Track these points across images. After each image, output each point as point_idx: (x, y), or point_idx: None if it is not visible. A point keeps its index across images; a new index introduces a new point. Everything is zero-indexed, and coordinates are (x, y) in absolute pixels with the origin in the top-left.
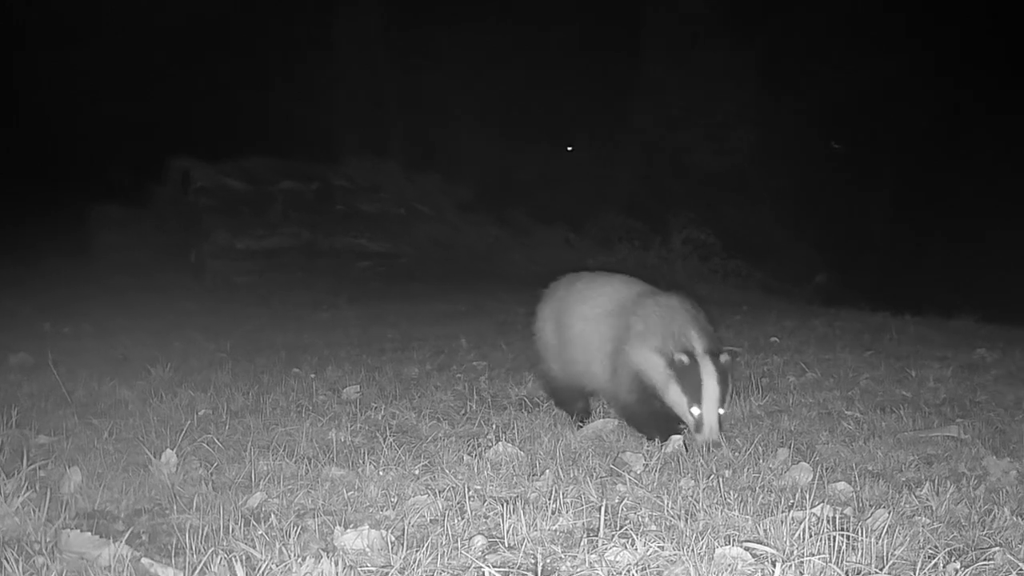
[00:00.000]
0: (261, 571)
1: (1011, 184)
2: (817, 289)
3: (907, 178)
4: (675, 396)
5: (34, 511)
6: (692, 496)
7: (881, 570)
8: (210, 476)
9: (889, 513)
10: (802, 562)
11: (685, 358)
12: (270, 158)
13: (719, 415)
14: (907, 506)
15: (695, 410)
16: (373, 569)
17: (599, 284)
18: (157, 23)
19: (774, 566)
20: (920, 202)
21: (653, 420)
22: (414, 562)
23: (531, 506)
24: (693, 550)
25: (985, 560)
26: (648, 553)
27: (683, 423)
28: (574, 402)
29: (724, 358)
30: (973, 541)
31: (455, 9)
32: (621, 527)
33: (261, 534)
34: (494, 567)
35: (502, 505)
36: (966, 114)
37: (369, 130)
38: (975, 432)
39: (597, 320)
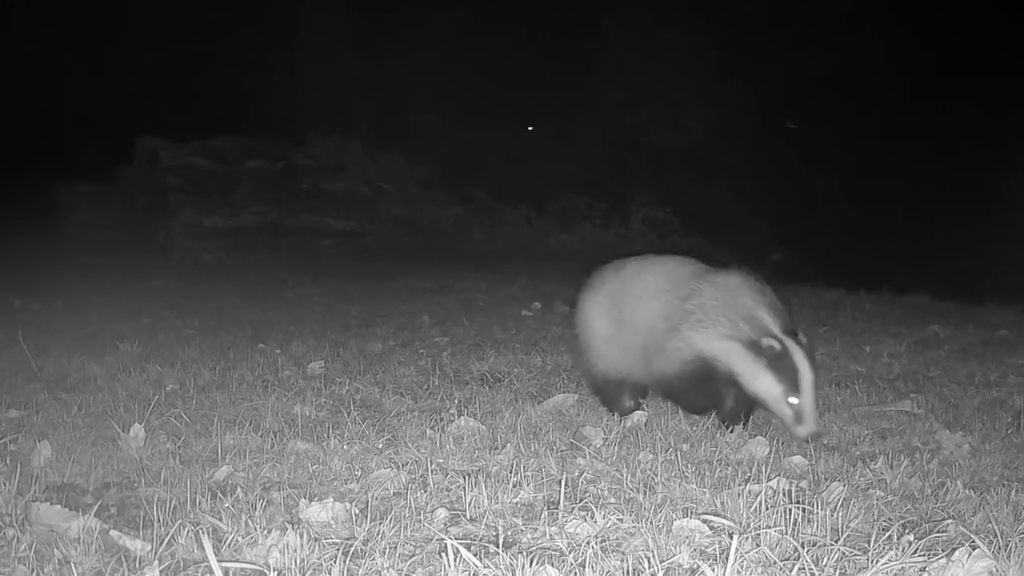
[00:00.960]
0: (227, 543)
1: (962, 164)
2: (774, 266)
3: (861, 157)
4: (767, 386)
5: (4, 484)
6: (651, 470)
7: (836, 542)
8: (177, 450)
9: (844, 486)
10: (759, 534)
11: (776, 344)
12: (236, 138)
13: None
14: (862, 479)
15: (793, 400)
16: (337, 541)
17: (651, 263)
18: (126, 3)
19: (731, 538)
20: (874, 181)
21: (694, 397)
22: (378, 534)
23: (493, 479)
24: (651, 522)
25: (938, 532)
26: (607, 525)
27: (717, 400)
28: (622, 397)
29: (804, 338)
30: (926, 513)
31: None
32: (581, 500)
33: (227, 507)
34: (456, 539)
35: (464, 478)
36: (917, 96)
37: (333, 110)
38: (928, 406)
39: (650, 298)
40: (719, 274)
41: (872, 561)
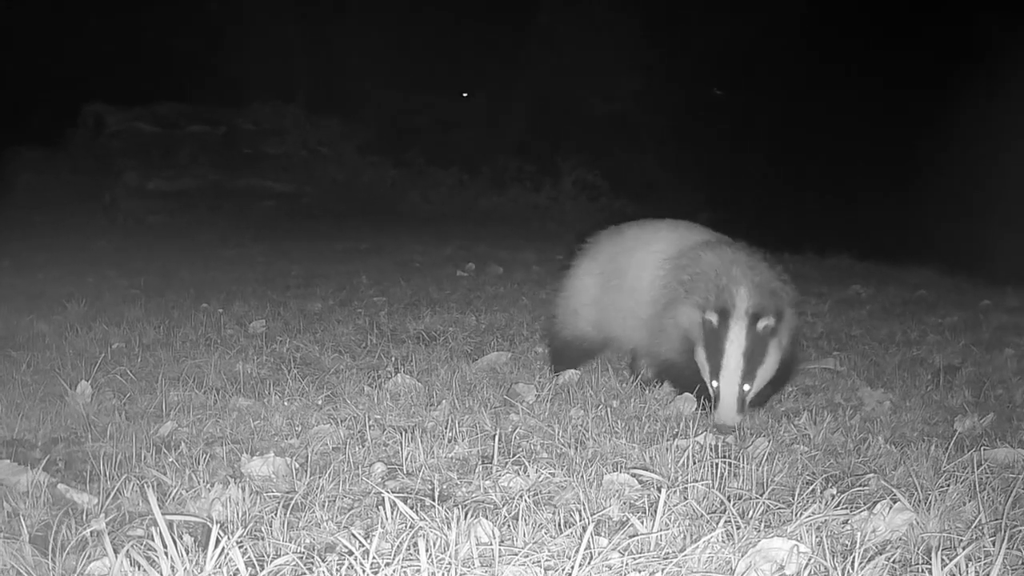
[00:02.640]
0: (172, 496)
1: (883, 127)
2: None
3: (785, 123)
4: (700, 362)
5: None
6: (582, 425)
7: (761, 495)
8: (123, 406)
9: (769, 441)
10: (686, 488)
11: (714, 318)
12: (179, 103)
13: (742, 392)
14: (786, 435)
15: (714, 383)
16: (278, 495)
17: (657, 228)
18: None
19: (659, 491)
20: (798, 146)
21: (697, 382)
22: (317, 488)
23: (428, 435)
24: (582, 476)
25: (860, 486)
26: (540, 479)
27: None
28: (577, 363)
29: (763, 323)
30: (849, 468)
31: None
32: (514, 455)
33: (172, 461)
34: (393, 492)
35: (401, 434)
36: (840, 61)
37: (274, 76)
38: (851, 364)
39: (655, 266)
40: (719, 244)
41: (796, 514)
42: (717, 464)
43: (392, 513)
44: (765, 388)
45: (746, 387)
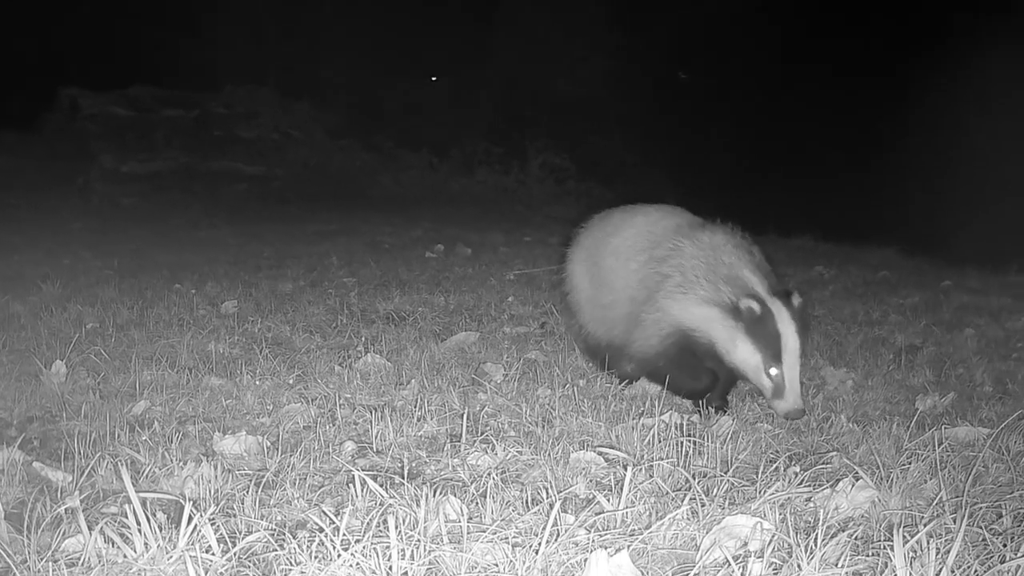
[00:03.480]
0: (145, 474)
1: (847, 110)
2: None
3: (748, 106)
4: (745, 355)
5: None
6: (549, 404)
7: (725, 473)
8: (97, 385)
9: (733, 420)
10: (652, 465)
11: (755, 305)
12: (153, 87)
13: (801, 374)
14: (750, 413)
15: (773, 371)
16: (250, 472)
17: (633, 215)
18: None
19: (625, 469)
20: (760, 128)
21: (686, 377)
22: (288, 466)
23: (398, 413)
24: (549, 454)
25: (823, 464)
26: (507, 457)
27: (708, 379)
28: (621, 361)
29: (797, 299)
30: (812, 446)
31: None
32: (482, 433)
33: (145, 439)
34: (363, 470)
35: (371, 412)
36: (803, 47)
37: (246, 61)
38: (814, 344)
39: (628, 256)
40: (703, 230)
41: (760, 491)
42: (682, 442)
43: (362, 491)
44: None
45: (801, 368)
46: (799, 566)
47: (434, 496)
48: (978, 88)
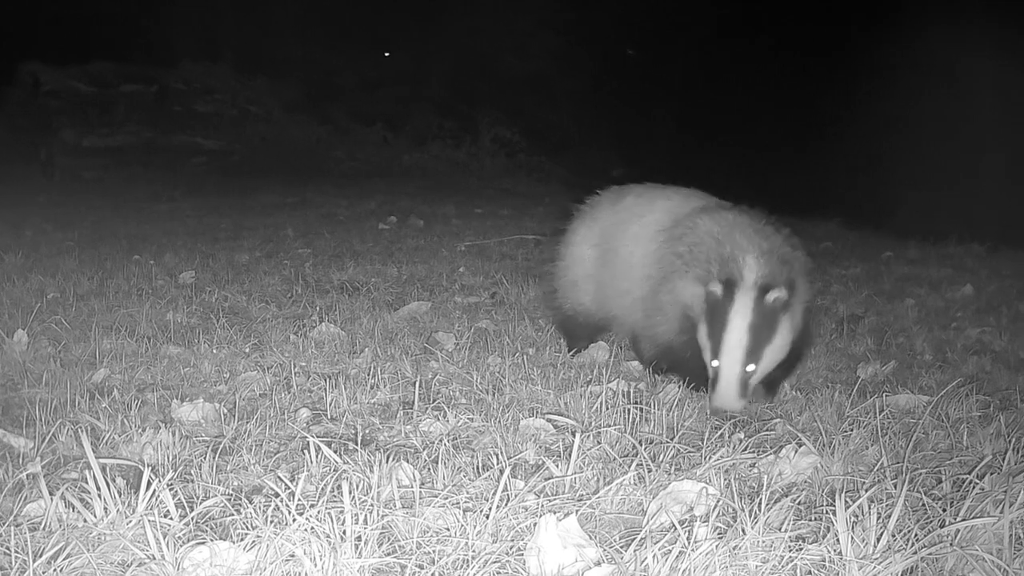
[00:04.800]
0: (105, 440)
1: (789, 85)
2: (613, 182)
3: (693, 82)
4: (702, 341)
5: None
6: (499, 372)
7: (672, 440)
8: (58, 354)
9: (679, 387)
10: (599, 432)
11: (718, 289)
12: (113, 63)
13: (744, 373)
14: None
15: (714, 363)
16: (207, 439)
17: (653, 197)
18: None
19: (574, 436)
20: (705, 103)
21: (698, 363)
22: (245, 432)
23: (352, 381)
24: (500, 421)
25: (767, 431)
26: (459, 424)
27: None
28: (590, 337)
29: (774, 296)
30: (756, 413)
31: None
32: (434, 400)
33: (105, 407)
34: (318, 437)
35: (325, 380)
36: (748, 22)
37: (204, 36)
38: None
39: (649, 238)
40: (720, 211)
41: (705, 457)
42: (629, 410)
43: (317, 457)
44: (775, 371)
45: (750, 367)
46: (743, 530)
47: (387, 462)
48: (920, 65)
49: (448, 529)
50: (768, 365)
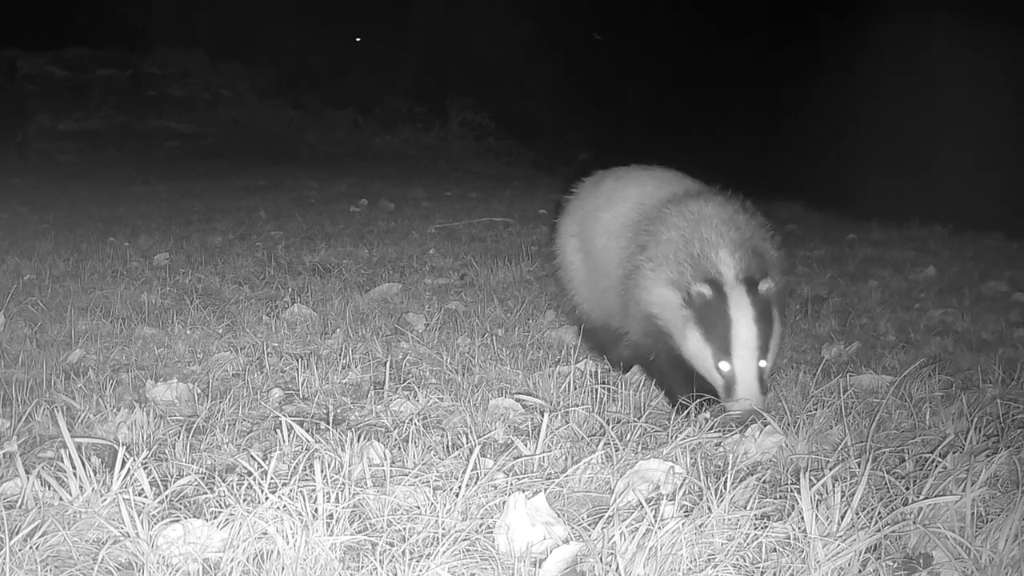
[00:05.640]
0: (80, 420)
1: (754, 70)
2: (581, 166)
3: (660, 65)
4: (695, 347)
5: None
6: (468, 353)
7: (639, 419)
8: (34, 335)
9: (643, 371)
10: (567, 412)
11: (706, 290)
12: (89, 48)
13: (759, 370)
14: None
15: (724, 365)
16: (181, 418)
17: (627, 185)
18: None
19: (542, 415)
20: (672, 87)
21: (680, 375)
22: (218, 412)
23: (323, 362)
24: (469, 401)
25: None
26: (429, 404)
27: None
28: (617, 346)
29: (765, 286)
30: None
31: None
32: (404, 381)
33: (80, 387)
34: (290, 416)
35: (297, 361)
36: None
37: (178, 21)
38: None
39: (618, 234)
40: (695, 200)
41: (672, 437)
42: (597, 390)
43: (289, 436)
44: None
45: (762, 364)
46: (709, 508)
47: (358, 441)
48: (883, 48)
49: (418, 507)
50: (773, 358)
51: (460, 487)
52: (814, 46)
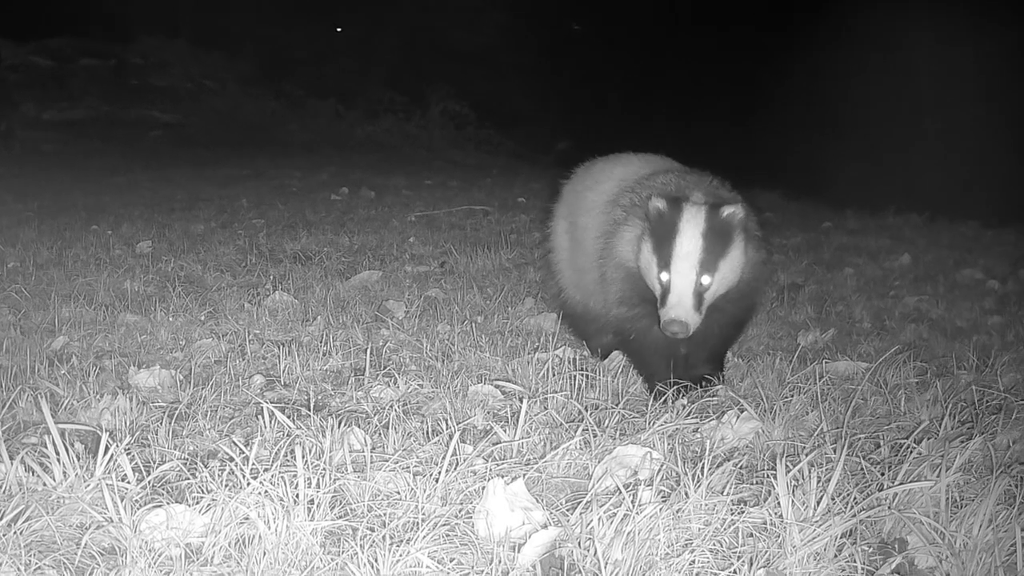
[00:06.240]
0: (64, 406)
1: (731, 59)
2: (560, 155)
3: (638, 55)
4: (645, 259)
5: None
6: (448, 339)
7: (617, 405)
8: (18, 322)
9: (623, 356)
10: (546, 398)
11: (661, 204)
12: (72, 38)
13: (699, 284)
14: None
15: (664, 275)
16: (163, 405)
17: (614, 166)
18: None
19: (521, 402)
20: (649, 76)
21: (658, 358)
22: (200, 398)
23: (304, 349)
24: (449, 388)
25: (710, 396)
26: (409, 390)
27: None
28: (600, 334)
29: (729, 210)
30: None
31: None
32: (385, 367)
33: (64, 373)
34: (271, 403)
35: (279, 348)
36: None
37: (160, 11)
38: None
39: (600, 210)
40: (677, 173)
41: (649, 423)
42: (575, 376)
43: (270, 422)
44: (715, 341)
45: (705, 280)
46: (687, 494)
47: (339, 427)
48: (859, 38)
49: (398, 492)
50: (723, 281)
51: (440, 473)
52: (791, 34)
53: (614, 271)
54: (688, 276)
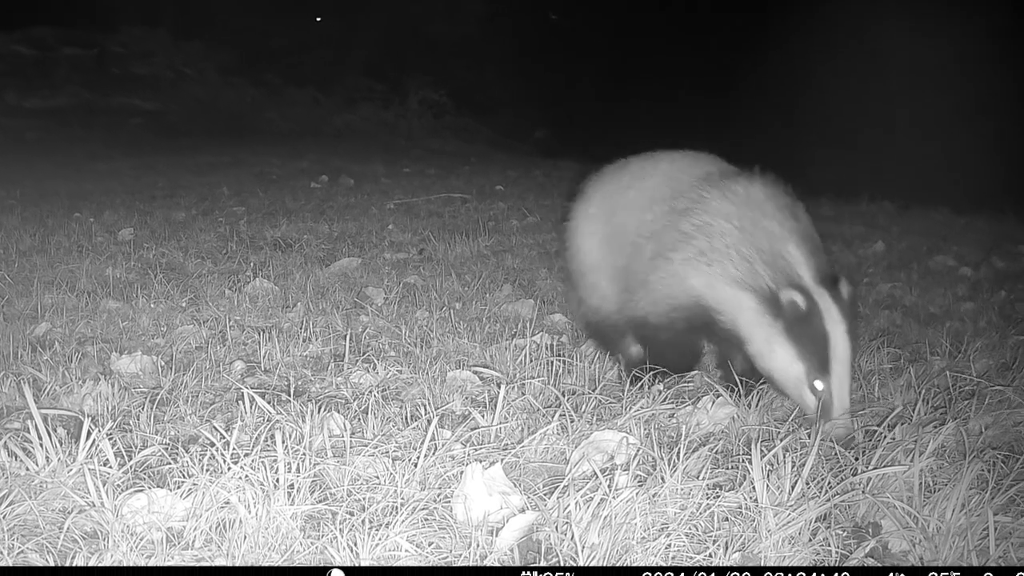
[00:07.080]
0: (47, 392)
1: (706, 47)
2: (537, 143)
3: (614, 44)
4: (784, 363)
5: None
6: (427, 326)
7: (593, 391)
8: (1, 308)
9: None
10: (524, 384)
11: (800, 300)
12: (55, 27)
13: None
14: None
15: (819, 384)
16: (145, 390)
17: (656, 162)
18: None
19: (499, 387)
20: (625, 65)
21: (679, 352)
22: (182, 384)
23: (285, 335)
24: (428, 373)
25: (686, 382)
26: (388, 376)
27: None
28: (624, 339)
29: (847, 288)
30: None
31: None
32: (364, 353)
33: (46, 359)
34: (252, 388)
35: (259, 334)
36: None
37: (142, 1)
38: None
39: (644, 207)
40: (737, 181)
41: (626, 408)
42: (552, 362)
43: (251, 407)
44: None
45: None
46: (663, 478)
47: (319, 413)
48: (832, 27)
49: (378, 477)
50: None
51: (419, 457)
52: (765, 22)
53: (666, 291)
54: (847, 381)
